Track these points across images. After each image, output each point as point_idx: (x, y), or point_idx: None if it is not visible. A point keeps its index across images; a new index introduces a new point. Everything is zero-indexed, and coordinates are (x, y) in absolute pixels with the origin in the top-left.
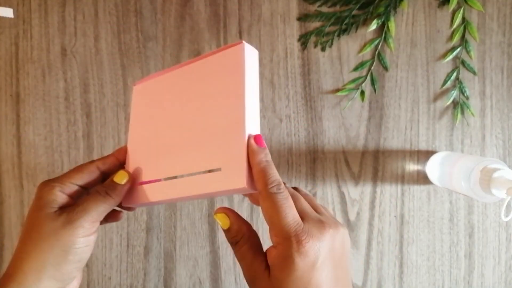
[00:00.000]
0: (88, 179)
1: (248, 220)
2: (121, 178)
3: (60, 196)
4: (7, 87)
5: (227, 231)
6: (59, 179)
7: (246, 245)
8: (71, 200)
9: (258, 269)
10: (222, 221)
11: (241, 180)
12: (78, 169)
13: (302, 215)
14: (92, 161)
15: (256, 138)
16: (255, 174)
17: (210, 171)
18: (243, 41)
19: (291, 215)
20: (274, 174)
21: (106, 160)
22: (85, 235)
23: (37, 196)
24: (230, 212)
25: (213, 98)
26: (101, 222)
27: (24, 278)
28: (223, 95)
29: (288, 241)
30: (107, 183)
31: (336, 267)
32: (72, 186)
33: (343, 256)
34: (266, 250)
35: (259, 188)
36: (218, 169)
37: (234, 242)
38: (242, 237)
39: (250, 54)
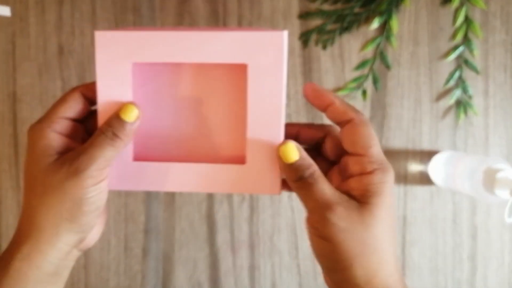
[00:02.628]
0: (77, 108)
1: (248, 220)
2: (130, 113)
3: (54, 137)
4: (4, 86)
5: (294, 164)
6: (46, 118)
7: (321, 177)
8: (68, 140)
9: (343, 196)
10: (291, 152)
11: (275, 187)
12: (61, 100)
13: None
14: (74, 88)
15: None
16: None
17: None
18: (285, 30)
19: (379, 147)
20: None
21: (89, 86)
22: (95, 183)
23: (29, 145)
24: (297, 144)
25: (239, 83)
26: None
27: (40, 235)
28: (256, 84)
29: (386, 168)
30: (113, 121)
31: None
32: (62, 122)
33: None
34: (340, 186)
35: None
36: (242, 164)
37: (300, 177)
38: (315, 169)
39: (286, 43)
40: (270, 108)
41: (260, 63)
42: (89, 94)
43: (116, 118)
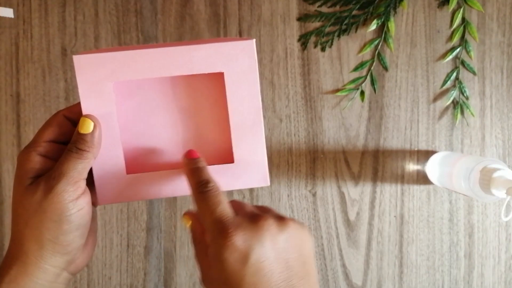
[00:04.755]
0: (60, 131)
1: None
2: (86, 126)
3: (37, 160)
4: (7, 87)
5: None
6: (33, 142)
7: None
8: (53, 162)
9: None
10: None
11: (264, 176)
12: (45, 124)
13: (237, 210)
14: (58, 112)
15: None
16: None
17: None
18: (253, 39)
19: (219, 209)
20: (202, 175)
21: (72, 109)
22: (73, 199)
23: (16, 167)
24: (191, 215)
25: (218, 90)
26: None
27: (26, 257)
28: (234, 89)
29: (215, 236)
30: (74, 138)
31: (289, 268)
32: (47, 145)
33: (300, 258)
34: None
35: (190, 192)
36: (231, 163)
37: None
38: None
39: (255, 49)
40: (249, 109)
41: (235, 70)
42: (72, 116)
43: (76, 134)
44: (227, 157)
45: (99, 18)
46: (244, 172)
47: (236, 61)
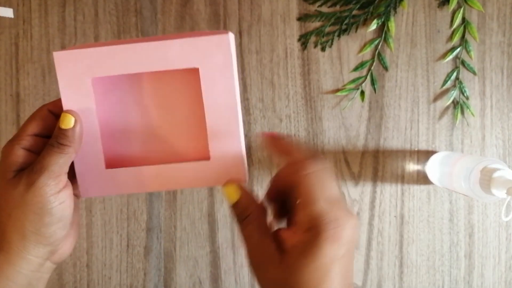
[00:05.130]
0: (44, 125)
1: None
2: (67, 122)
3: (21, 154)
4: (7, 87)
5: (234, 206)
6: (16, 136)
7: (254, 223)
8: (35, 156)
9: (267, 251)
10: (231, 194)
11: (242, 173)
12: (29, 118)
13: (332, 200)
14: (42, 106)
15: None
16: (285, 152)
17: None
18: (228, 31)
19: (323, 199)
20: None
21: (56, 103)
22: (54, 193)
23: (0, 162)
24: (241, 186)
25: (194, 86)
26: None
27: (9, 247)
28: (209, 84)
29: (318, 227)
30: (55, 132)
31: (351, 260)
32: (30, 138)
33: (354, 249)
34: (278, 232)
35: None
36: (206, 160)
37: (241, 219)
38: (250, 213)
39: (233, 44)
40: (225, 105)
41: (210, 65)
42: (56, 110)
43: (57, 129)
44: (203, 155)
45: (99, 18)
46: (220, 169)
47: (211, 57)
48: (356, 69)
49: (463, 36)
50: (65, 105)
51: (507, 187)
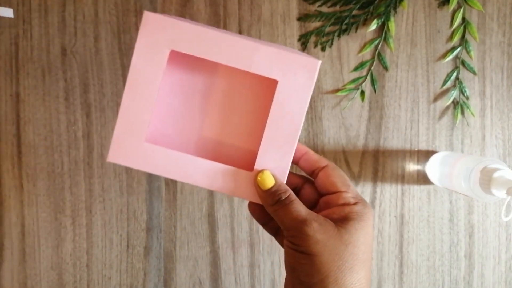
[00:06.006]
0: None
1: (248, 219)
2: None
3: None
4: (7, 87)
5: (272, 189)
6: None
7: (296, 200)
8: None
9: (322, 221)
10: (267, 179)
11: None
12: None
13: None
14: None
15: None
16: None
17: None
18: (319, 60)
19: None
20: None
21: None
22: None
23: None
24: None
25: (265, 97)
26: None
27: None
28: (282, 101)
29: (366, 203)
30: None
31: None
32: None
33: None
34: (324, 213)
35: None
36: (248, 171)
37: (281, 199)
38: (290, 193)
39: (318, 71)
40: (288, 126)
41: (291, 83)
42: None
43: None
44: (247, 165)
45: (99, 18)
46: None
47: (295, 75)
48: (356, 69)
49: (463, 36)
50: (133, 66)
51: (507, 187)
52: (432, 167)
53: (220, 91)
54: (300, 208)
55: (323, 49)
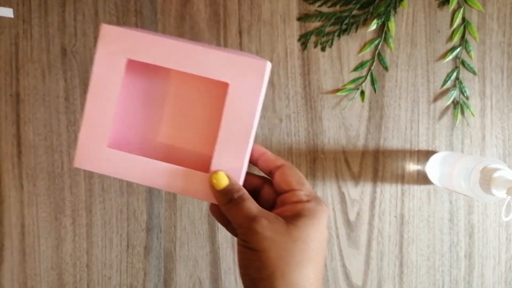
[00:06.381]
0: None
1: None
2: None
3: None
4: (7, 87)
5: (225, 189)
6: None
7: (249, 198)
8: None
9: (272, 218)
10: (221, 179)
11: None
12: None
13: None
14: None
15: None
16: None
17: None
18: (268, 61)
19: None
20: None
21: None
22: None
23: None
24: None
25: (218, 99)
26: None
27: None
28: (234, 103)
29: (320, 201)
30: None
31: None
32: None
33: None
34: (278, 210)
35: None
36: (204, 173)
37: (233, 198)
38: (244, 192)
39: (268, 73)
40: (241, 127)
41: (241, 85)
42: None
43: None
44: (204, 167)
45: (99, 18)
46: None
47: (245, 77)
48: (356, 69)
49: (463, 36)
50: (95, 76)
51: (507, 187)
52: (432, 167)
53: (176, 96)
54: (251, 206)
55: (323, 49)
